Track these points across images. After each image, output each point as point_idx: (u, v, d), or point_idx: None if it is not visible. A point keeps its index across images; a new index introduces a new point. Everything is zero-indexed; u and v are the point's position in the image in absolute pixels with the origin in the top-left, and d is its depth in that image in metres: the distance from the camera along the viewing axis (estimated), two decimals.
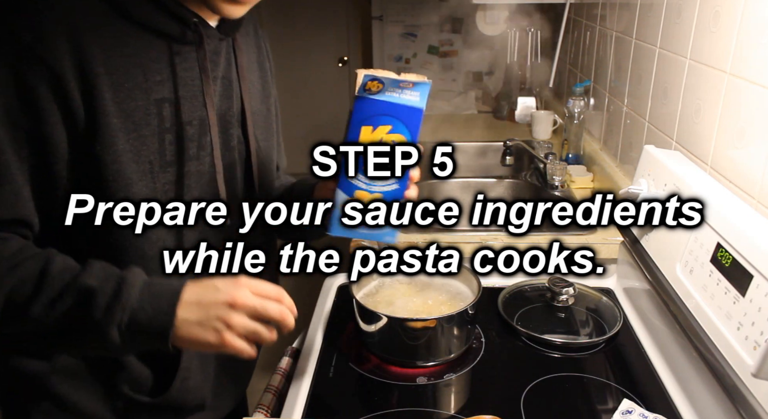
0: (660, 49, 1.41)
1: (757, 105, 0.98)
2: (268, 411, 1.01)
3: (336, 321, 1.21)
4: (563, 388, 1.02)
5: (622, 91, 1.70)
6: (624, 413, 0.93)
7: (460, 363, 1.08)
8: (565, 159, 2.06)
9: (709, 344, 0.87)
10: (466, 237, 1.56)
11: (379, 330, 1.05)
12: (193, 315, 0.75)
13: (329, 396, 1.01)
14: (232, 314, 0.76)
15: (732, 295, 0.84)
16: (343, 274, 1.36)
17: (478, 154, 2.42)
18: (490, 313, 1.23)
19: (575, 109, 2.01)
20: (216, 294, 0.76)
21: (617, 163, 1.75)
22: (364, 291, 1.16)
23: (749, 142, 1.00)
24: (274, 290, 0.80)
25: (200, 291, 0.76)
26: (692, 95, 1.22)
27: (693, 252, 0.96)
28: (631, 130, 1.63)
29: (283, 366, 1.11)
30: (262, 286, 0.79)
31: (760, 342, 0.76)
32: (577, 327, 1.19)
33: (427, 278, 1.18)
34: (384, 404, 0.98)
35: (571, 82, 2.27)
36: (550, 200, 1.89)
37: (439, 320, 1.03)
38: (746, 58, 1.02)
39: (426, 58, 3.82)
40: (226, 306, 0.76)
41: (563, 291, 1.22)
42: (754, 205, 0.98)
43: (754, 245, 0.82)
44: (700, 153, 1.18)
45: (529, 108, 2.69)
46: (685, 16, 1.26)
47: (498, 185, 2.04)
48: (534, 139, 2.46)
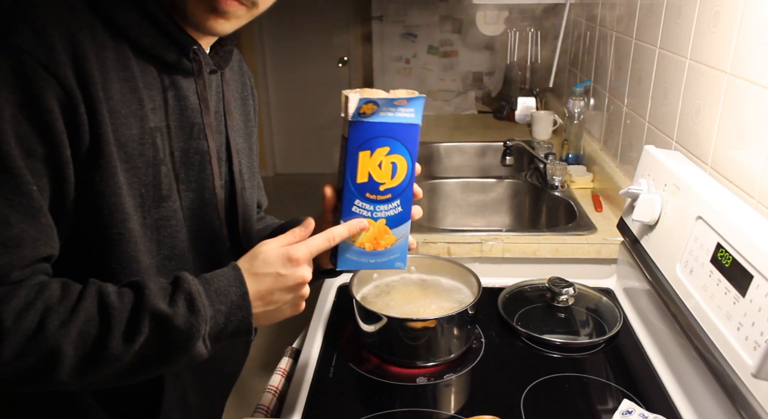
0: (660, 49, 1.41)
1: (757, 105, 0.98)
2: (268, 411, 1.01)
3: (336, 321, 1.21)
4: (563, 388, 1.02)
5: (622, 91, 1.70)
6: (624, 413, 0.93)
7: (460, 364, 1.08)
8: (565, 159, 2.06)
9: (709, 344, 0.87)
10: (466, 237, 1.56)
11: (379, 331, 1.05)
12: (268, 306, 0.77)
13: (329, 396, 1.01)
14: (302, 290, 0.78)
15: (732, 295, 0.84)
16: (344, 274, 1.36)
17: (478, 154, 2.42)
18: (490, 313, 1.23)
19: (575, 109, 2.01)
20: (284, 281, 0.76)
21: (617, 163, 1.75)
22: (364, 292, 1.16)
23: (749, 142, 1.00)
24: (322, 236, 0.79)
25: (265, 281, 0.76)
26: (692, 95, 1.22)
27: (693, 252, 0.96)
28: (631, 130, 1.63)
29: (283, 367, 1.11)
30: (306, 250, 0.78)
31: (760, 343, 0.76)
32: (577, 328, 1.19)
33: (427, 278, 1.19)
34: (384, 404, 0.98)
35: (571, 82, 2.27)
36: (550, 200, 1.89)
37: (439, 320, 1.03)
38: (746, 58, 1.02)
39: (426, 58, 3.82)
40: (297, 288, 0.77)
41: (563, 292, 1.22)
42: (754, 204, 0.98)
43: (754, 245, 0.82)
44: (700, 153, 1.18)
45: (529, 108, 2.69)
46: (685, 16, 1.26)
47: (498, 185, 2.04)
48: (534, 139, 2.46)
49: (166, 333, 0.70)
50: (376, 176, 0.80)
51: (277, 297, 0.77)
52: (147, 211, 0.78)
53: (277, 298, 0.77)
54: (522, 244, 1.53)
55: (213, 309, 0.72)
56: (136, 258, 0.77)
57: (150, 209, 0.78)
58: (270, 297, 0.76)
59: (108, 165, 0.72)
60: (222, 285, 0.74)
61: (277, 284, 0.76)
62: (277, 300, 0.77)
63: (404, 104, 0.78)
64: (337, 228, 0.80)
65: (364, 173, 0.79)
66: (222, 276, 0.75)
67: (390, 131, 0.78)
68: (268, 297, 0.76)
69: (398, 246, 0.84)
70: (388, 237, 0.83)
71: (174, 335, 0.70)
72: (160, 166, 0.78)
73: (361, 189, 0.80)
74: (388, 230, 0.83)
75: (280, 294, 0.77)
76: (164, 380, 0.85)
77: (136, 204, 0.76)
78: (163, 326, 0.70)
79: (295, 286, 0.77)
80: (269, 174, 4.92)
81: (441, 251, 1.53)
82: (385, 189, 0.81)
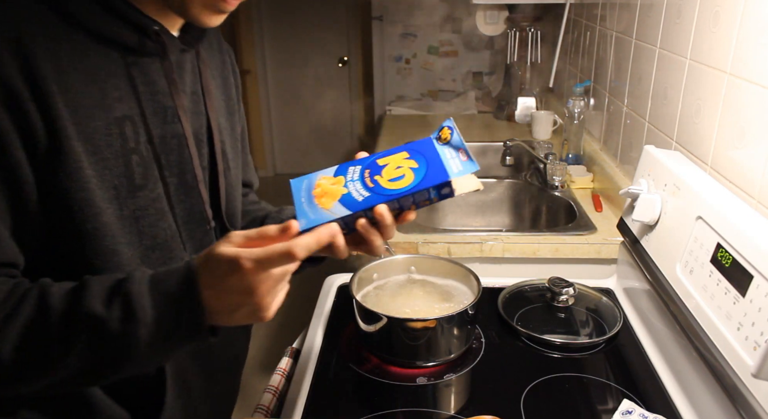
0: (660, 49, 1.41)
1: (757, 105, 0.98)
2: (268, 411, 1.01)
3: (336, 321, 1.21)
4: (563, 388, 1.02)
5: (622, 91, 1.70)
6: (624, 413, 0.93)
7: (460, 364, 1.08)
8: (565, 159, 2.06)
9: (709, 344, 0.87)
10: (466, 237, 1.56)
11: (379, 331, 1.05)
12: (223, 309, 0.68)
13: (329, 396, 1.01)
14: (255, 299, 0.67)
15: (732, 295, 0.84)
16: (344, 274, 1.36)
17: (478, 154, 2.42)
18: (490, 313, 1.23)
19: (575, 109, 2.01)
20: (231, 288, 0.67)
21: (617, 163, 1.75)
22: (364, 292, 1.16)
23: (749, 142, 1.00)
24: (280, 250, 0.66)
25: (215, 284, 0.67)
26: (692, 95, 1.22)
27: (693, 252, 0.96)
28: (631, 130, 1.63)
29: (283, 367, 1.11)
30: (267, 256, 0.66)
31: (760, 343, 0.76)
32: (577, 328, 1.19)
33: (427, 278, 1.19)
34: (384, 404, 0.98)
35: (571, 82, 2.27)
36: (550, 200, 1.89)
37: (439, 320, 1.03)
38: (746, 58, 1.02)
39: (426, 58, 3.82)
40: (246, 296, 0.67)
41: (563, 292, 1.22)
42: (754, 204, 0.98)
43: (754, 245, 0.82)
44: (700, 153, 1.18)
45: (529, 108, 2.69)
46: (685, 16, 1.26)
47: (498, 185, 2.04)
48: (534, 139, 2.46)
49: (101, 338, 0.66)
50: (384, 171, 0.79)
51: (230, 302, 0.68)
52: (123, 203, 0.76)
53: (230, 302, 0.68)
54: (522, 244, 1.53)
55: (156, 311, 0.67)
56: (116, 252, 0.75)
57: (126, 200, 0.76)
58: (223, 300, 0.68)
59: (71, 160, 0.70)
60: (171, 285, 0.68)
61: (226, 289, 0.67)
62: (230, 304, 0.68)
63: (464, 159, 0.79)
64: (303, 239, 0.67)
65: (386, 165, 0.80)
66: (173, 274, 0.69)
67: (432, 163, 0.79)
68: (222, 299, 0.68)
69: (320, 217, 0.75)
70: (328, 201, 0.77)
71: (108, 340, 0.66)
72: (131, 156, 0.76)
73: (368, 162, 0.81)
74: (336, 196, 0.77)
75: (232, 298, 0.67)
76: (165, 368, 0.84)
77: (110, 196, 0.74)
78: (96, 330, 0.66)
79: (243, 294, 0.67)
80: (269, 174, 4.92)
81: (441, 251, 1.53)
82: (375, 179, 0.79)
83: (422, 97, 3.55)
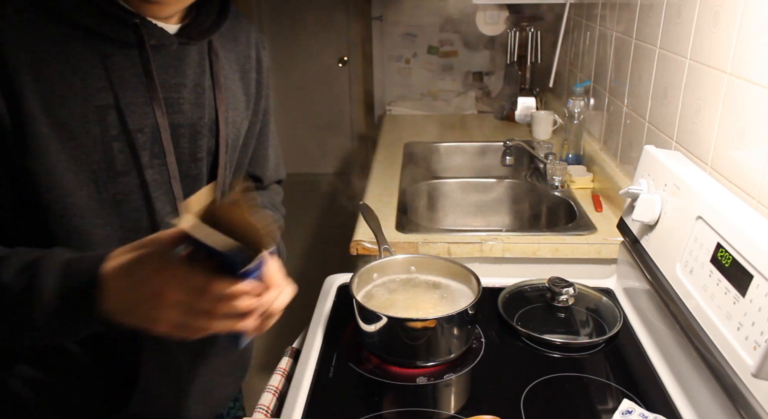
0: (660, 49, 1.41)
1: (757, 105, 0.98)
2: (267, 411, 1.01)
3: (336, 321, 1.21)
4: (563, 388, 1.02)
5: (622, 91, 1.70)
6: (624, 413, 0.93)
7: (460, 363, 1.08)
8: (565, 159, 2.06)
9: (709, 344, 0.87)
10: (466, 237, 1.56)
11: (379, 330, 1.05)
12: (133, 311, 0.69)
13: (329, 396, 1.01)
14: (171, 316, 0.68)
15: (732, 295, 0.84)
16: (344, 274, 1.36)
17: (478, 154, 2.42)
18: (490, 313, 1.23)
19: (575, 109, 2.01)
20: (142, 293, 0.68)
21: (617, 163, 1.75)
22: (364, 291, 1.16)
23: (749, 142, 1.00)
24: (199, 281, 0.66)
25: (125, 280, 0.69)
26: (692, 95, 1.22)
27: (693, 252, 0.96)
28: (631, 130, 1.63)
29: (283, 366, 1.11)
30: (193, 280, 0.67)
31: (760, 342, 0.76)
32: (577, 327, 1.19)
33: (428, 278, 1.19)
34: (384, 404, 0.98)
35: (571, 82, 2.27)
36: (550, 200, 1.89)
37: (439, 320, 1.03)
38: (746, 58, 1.02)
39: (426, 58, 3.82)
40: (153, 301, 0.67)
41: (563, 292, 1.22)
42: (754, 204, 0.98)
43: (754, 245, 0.82)
44: (700, 153, 1.18)
45: (529, 108, 2.69)
46: (685, 17, 1.26)
47: (498, 185, 2.04)
48: (534, 139, 2.46)
49: (4, 304, 0.71)
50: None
51: (134, 297, 0.68)
52: (102, 186, 0.79)
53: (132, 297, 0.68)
54: (522, 244, 1.53)
55: (58, 287, 0.69)
56: (86, 232, 0.79)
57: (105, 184, 0.80)
58: (127, 294, 0.69)
59: (38, 145, 0.74)
60: (82, 266, 0.70)
61: (135, 282, 0.68)
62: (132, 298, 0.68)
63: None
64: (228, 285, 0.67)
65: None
66: (90, 258, 0.71)
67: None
68: (128, 292, 0.68)
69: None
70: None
71: (7, 307, 0.71)
72: (112, 143, 0.79)
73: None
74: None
75: (136, 294, 0.68)
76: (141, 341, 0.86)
77: (86, 179, 0.78)
78: (1, 297, 0.71)
79: (151, 300, 0.67)
80: None
81: (441, 251, 1.53)
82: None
83: (422, 97, 3.55)
